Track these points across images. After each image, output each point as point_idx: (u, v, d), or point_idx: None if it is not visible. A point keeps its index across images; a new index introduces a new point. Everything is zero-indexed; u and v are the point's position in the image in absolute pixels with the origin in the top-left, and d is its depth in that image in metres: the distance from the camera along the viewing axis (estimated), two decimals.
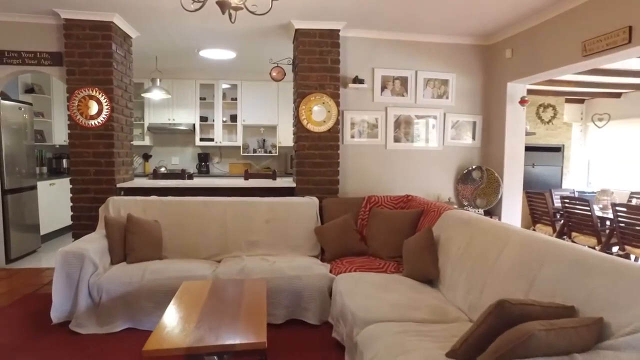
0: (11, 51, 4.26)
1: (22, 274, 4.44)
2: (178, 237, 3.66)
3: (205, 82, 6.90)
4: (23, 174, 5.14)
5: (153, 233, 3.45)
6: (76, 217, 4.15)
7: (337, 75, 4.39)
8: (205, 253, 3.67)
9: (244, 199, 3.91)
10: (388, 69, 4.69)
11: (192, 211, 3.76)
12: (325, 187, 4.43)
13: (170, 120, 6.86)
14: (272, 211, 3.88)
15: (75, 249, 2.95)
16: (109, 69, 4.11)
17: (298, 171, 4.37)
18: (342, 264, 3.44)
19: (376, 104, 4.71)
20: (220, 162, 7.33)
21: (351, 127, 4.66)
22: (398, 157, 4.79)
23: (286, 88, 6.97)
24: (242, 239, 3.76)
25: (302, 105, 4.31)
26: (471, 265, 2.60)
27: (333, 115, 4.38)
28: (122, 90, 4.37)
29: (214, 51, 5.45)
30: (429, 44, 4.73)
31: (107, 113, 4.12)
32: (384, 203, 4.13)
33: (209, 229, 3.72)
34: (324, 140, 4.39)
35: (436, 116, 4.83)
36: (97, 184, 4.15)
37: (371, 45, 4.64)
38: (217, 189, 4.32)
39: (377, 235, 3.76)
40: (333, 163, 4.43)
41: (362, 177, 4.71)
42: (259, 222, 3.82)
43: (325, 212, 4.07)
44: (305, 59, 4.31)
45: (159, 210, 3.73)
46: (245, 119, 6.96)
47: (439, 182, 4.88)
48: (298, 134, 4.35)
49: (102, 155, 4.14)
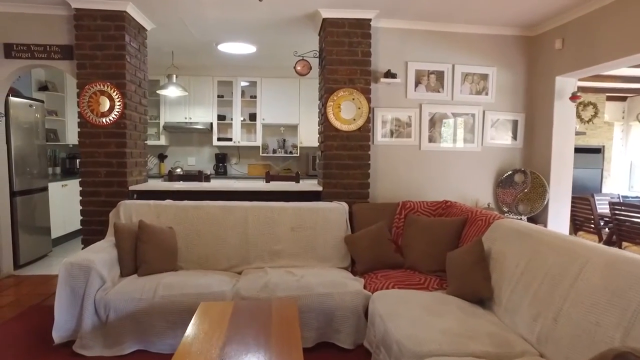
0: (20, 44, 3.99)
1: (30, 281, 4.16)
2: (195, 245, 3.33)
3: (224, 79, 6.58)
4: (34, 174, 4.88)
5: (167, 241, 3.11)
6: (86, 222, 3.85)
7: (368, 69, 4.01)
8: (224, 263, 3.33)
9: (266, 204, 3.55)
10: (423, 62, 4.30)
11: (210, 217, 3.42)
12: (354, 191, 4.05)
13: (187, 119, 6.56)
14: (298, 218, 3.52)
15: (80, 261, 2.63)
16: (121, 62, 3.80)
17: (325, 174, 4.01)
18: (377, 279, 3.06)
19: (409, 101, 4.32)
20: (238, 163, 7.00)
21: (382, 125, 4.28)
22: (432, 159, 4.39)
23: (309, 85, 6.62)
24: (264, 249, 3.41)
25: (329, 102, 3.94)
26: (537, 287, 2.19)
27: (364, 112, 4.00)
28: (135, 86, 4.06)
29: (233, 45, 5.12)
30: (467, 35, 4.32)
31: (119, 110, 3.81)
32: (421, 209, 3.74)
33: (229, 236, 3.38)
34: (353, 139, 4.02)
35: (474, 114, 4.42)
36: (108, 186, 3.84)
37: (404, 37, 4.25)
38: (236, 193, 3.98)
39: (414, 245, 3.37)
40: (363, 165, 4.05)
41: (393, 180, 4.33)
42: (284, 229, 3.47)
43: (355, 219, 3.70)
44: (334, 51, 3.95)
45: (174, 215, 3.40)
46: (264, 117, 6.62)
47: (477, 186, 4.47)
48: (325, 133, 3.98)
49: (113, 156, 3.84)
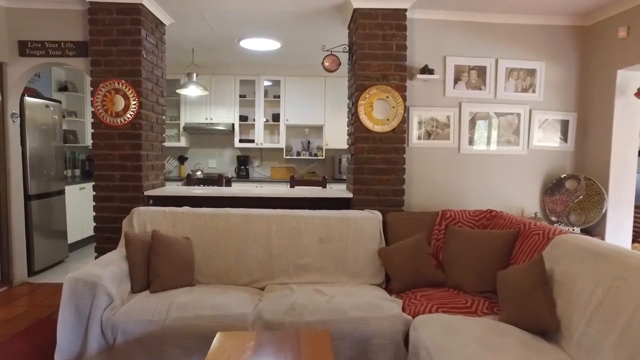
0: (34, 41, 3.79)
1: (43, 290, 3.95)
2: (213, 258, 3.03)
3: (246, 78, 6.30)
4: (51, 176, 4.70)
5: (183, 254, 2.82)
6: (99, 229, 3.61)
7: (403, 63, 3.64)
8: (245, 278, 3.02)
9: (291, 213, 3.23)
10: (463, 57, 3.91)
11: (230, 226, 3.11)
12: (387, 198, 3.69)
13: (208, 120, 6.31)
14: (326, 228, 3.18)
15: (86, 276, 2.36)
16: (137, 59, 3.55)
17: (355, 179, 3.66)
18: (417, 299, 2.70)
19: (448, 99, 3.93)
20: (260, 165, 6.72)
21: (418, 126, 3.90)
22: (472, 163, 3.99)
23: (335, 83, 6.28)
24: (289, 262, 3.08)
25: (360, 100, 3.59)
26: (626, 324, 1.79)
27: (398, 112, 3.64)
28: (152, 84, 3.80)
29: (256, 41, 4.83)
30: (512, 26, 3.90)
31: (135, 109, 3.55)
32: (463, 220, 3.35)
33: (250, 248, 3.07)
34: (387, 141, 3.66)
35: (519, 114, 3.99)
36: (123, 191, 3.59)
37: (442, 29, 3.87)
38: (258, 199, 3.67)
39: (458, 261, 2.98)
40: (398, 169, 3.69)
41: (429, 186, 3.94)
42: (310, 241, 3.13)
43: (389, 229, 3.34)
44: (366, 45, 3.60)
45: (191, 224, 3.11)
46: (288, 118, 6.31)
47: (522, 193, 4.04)
48: (356, 134, 3.63)
49: (128, 158, 3.58)
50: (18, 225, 4.06)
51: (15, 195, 4.03)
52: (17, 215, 4.05)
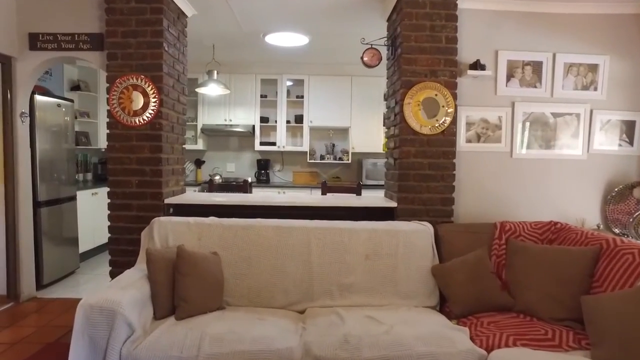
0: (45, 34, 3.46)
1: (52, 307, 3.60)
2: (245, 276, 2.65)
3: (267, 77, 5.94)
4: (62, 180, 4.36)
5: (212, 273, 2.44)
6: (114, 241, 3.25)
7: (453, 58, 3.26)
8: (281, 300, 2.64)
9: (333, 225, 2.85)
10: (517, 51, 3.50)
11: (264, 240, 2.74)
12: (435, 207, 3.30)
13: (227, 121, 5.95)
14: (373, 242, 2.79)
15: (102, 303, 1.99)
16: (158, 52, 3.19)
17: (400, 186, 3.27)
18: (485, 328, 2.30)
19: (500, 98, 3.53)
20: (282, 170, 6.34)
21: (466, 128, 3.50)
22: (526, 168, 3.58)
23: (362, 83, 5.91)
24: (332, 281, 2.69)
25: (407, 99, 3.21)
26: None
27: (449, 111, 3.25)
28: (173, 80, 3.45)
29: (283, 36, 4.47)
30: (572, 16, 3.50)
31: (155, 108, 3.20)
32: (525, 233, 2.95)
33: (287, 266, 2.69)
34: (435, 144, 3.27)
35: (579, 114, 3.58)
36: (141, 198, 3.23)
37: (495, 20, 3.47)
38: (289, 208, 3.29)
39: (527, 282, 2.58)
40: (447, 176, 3.29)
41: (478, 194, 3.54)
42: (356, 257, 2.75)
43: (442, 243, 2.95)
44: (412, 37, 3.22)
45: (219, 238, 2.74)
46: (312, 119, 5.94)
47: (581, 202, 3.62)
48: (401, 137, 3.25)
49: (147, 162, 3.22)
50: (26, 234, 3.72)
51: (24, 202, 3.69)
52: (25, 223, 3.70)
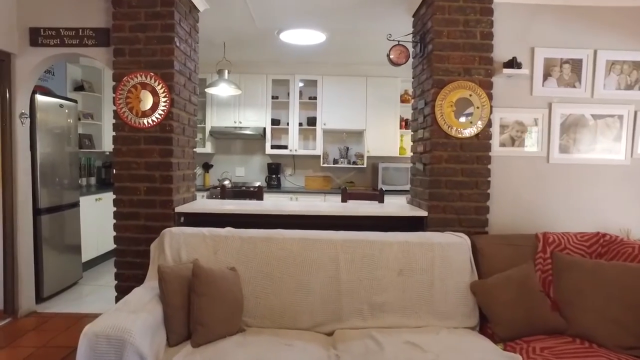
0: (47, 29, 3.22)
1: (53, 323, 3.33)
2: (266, 294, 2.39)
3: (279, 77, 5.69)
4: (64, 185, 4.10)
5: (231, 292, 2.18)
6: (120, 252, 2.99)
7: (488, 55, 3.01)
8: (306, 320, 2.37)
9: (362, 237, 2.58)
10: (554, 48, 3.24)
11: (287, 254, 2.47)
12: (468, 217, 3.04)
13: (236, 123, 5.70)
14: (406, 256, 2.53)
15: (110, 331, 1.72)
16: (169, 47, 2.95)
17: (431, 194, 3.01)
18: (539, 355, 2.04)
19: (535, 99, 3.26)
20: (293, 174, 6.08)
21: (500, 130, 3.24)
22: (564, 174, 3.31)
23: (378, 84, 5.66)
24: (363, 300, 2.43)
25: (439, 99, 2.96)
26: None
27: (484, 113, 3.00)
28: (185, 78, 3.20)
29: (298, 33, 4.22)
30: (615, 9, 3.24)
31: (165, 108, 2.95)
32: (570, 245, 2.69)
33: (313, 282, 2.42)
34: (468, 149, 3.01)
35: (622, 115, 3.31)
36: (149, 206, 2.97)
37: (531, 14, 3.22)
38: (308, 217, 3.03)
39: (582, 303, 2.31)
40: (482, 182, 3.04)
41: (512, 202, 3.27)
42: (388, 273, 2.48)
43: (480, 257, 2.68)
44: (444, 32, 2.97)
45: (237, 251, 2.47)
46: (326, 122, 5.68)
47: (625, 211, 3.34)
48: (432, 140, 2.99)
49: (156, 167, 2.97)
50: (25, 244, 3.46)
51: (23, 209, 3.44)
52: (24, 232, 3.45)
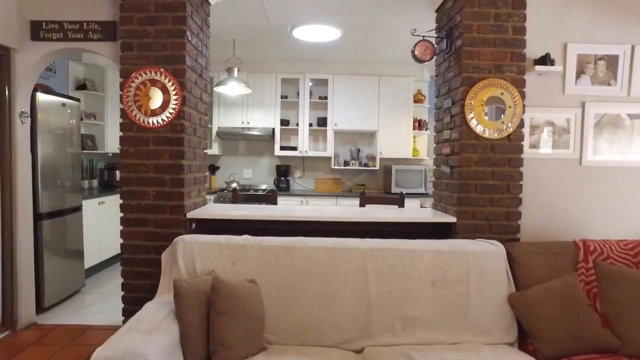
0: (50, 22, 3.02)
1: (55, 336, 3.12)
2: (289, 308, 2.19)
3: (288, 76, 5.49)
4: (66, 188, 3.90)
5: (253, 309, 1.98)
6: (127, 261, 2.79)
7: (521, 51, 2.82)
8: (333, 337, 2.18)
9: (391, 245, 2.39)
10: (588, 43, 3.06)
11: (311, 264, 2.28)
12: (499, 223, 2.84)
13: (244, 124, 5.50)
14: (440, 266, 2.33)
15: (123, 356, 1.52)
16: (180, 41, 2.75)
17: (460, 198, 2.81)
18: None
19: (568, 98, 3.07)
20: (302, 176, 5.88)
21: (530, 131, 3.05)
22: (598, 177, 3.11)
23: (391, 84, 5.48)
24: (394, 314, 2.23)
25: (468, 98, 2.77)
26: None
27: (516, 112, 2.81)
28: (196, 75, 3.00)
29: (312, 29, 4.03)
30: None
31: (176, 106, 2.75)
32: (613, 255, 2.50)
33: (340, 295, 2.23)
34: (500, 150, 2.82)
35: None
36: (159, 212, 2.77)
37: (563, 8, 3.03)
38: (324, 223, 2.84)
39: (635, 318, 2.12)
40: (513, 186, 2.85)
41: (543, 207, 3.07)
42: (420, 284, 2.29)
43: (516, 266, 2.48)
44: (474, 27, 2.78)
45: (256, 261, 2.28)
46: (337, 122, 5.48)
47: None
48: (461, 141, 2.80)
49: (167, 170, 2.77)
50: (25, 251, 3.26)
51: (23, 215, 3.24)
52: (24, 239, 3.24)
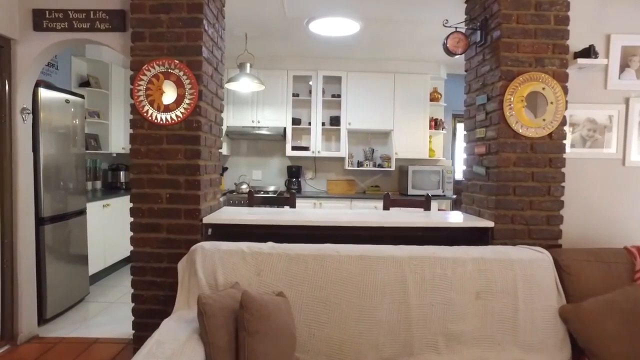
0: (54, 10, 2.80)
1: (58, 351, 2.89)
2: (322, 324, 1.98)
3: (301, 73, 5.28)
4: (69, 190, 3.67)
5: (286, 326, 1.77)
6: (138, 270, 2.56)
7: (564, 43, 2.62)
8: (371, 355, 1.96)
9: (430, 252, 2.18)
10: (634, 34, 2.85)
11: (344, 274, 2.06)
12: (539, 227, 2.63)
13: (254, 123, 5.28)
14: (484, 275, 2.12)
15: None
16: (197, 31, 2.53)
17: (498, 201, 2.60)
18: None
19: (611, 93, 2.86)
20: (314, 178, 5.67)
21: (570, 129, 2.84)
22: None
23: (406, 81, 5.29)
24: (436, 329, 2.02)
25: (507, 94, 2.56)
26: None
27: (558, 109, 2.60)
28: (212, 69, 2.79)
29: (330, 22, 3.82)
30: None
31: (192, 101, 2.53)
32: None
33: (378, 308, 2.01)
34: (540, 150, 2.61)
35: None
36: (173, 216, 2.55)
37: None
38: (346, 228, 2.63)
39: None
40: (554, 188, 2.64)
41: (582, 210, 2.85)
42: (464, 296, 2.08)
43: (565, 276, 2.27)
44: (514, 17, 2.57)
45: (284, 272, 2.06)
46: (350, 121, 5.27)
47: None
48: (499, 140, 2.59)
49: (181, 171, 2.55)
50: (26, 259, 3.03)
51: (24, 220, 3.01)
52: (25, 245, 3.02)
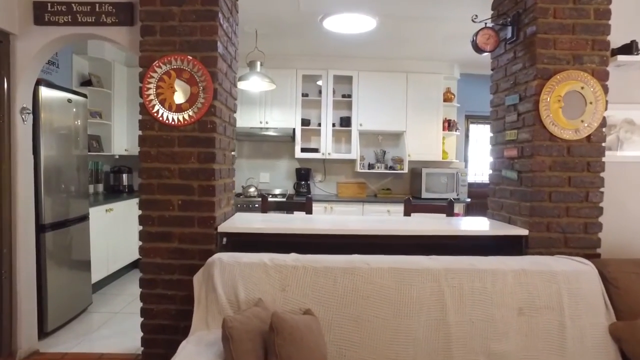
0: (56, 3, 2.62)
1: None
2: (354, 345, 1.80)
3: (311, 72, 5.10)
4: (72, 194, 3.49)
5: (318, 350, 1.59)
6: (148, 283, 2.38)
7: (604, 38, 2.45)
8: None
9: (468, 265, 2.01)
10: None
11: (376, 289, 1.89)
12: (576, 235, 2.47)
13: (263, 124, 5.10)
14: (526, 289, 1.96)
15: None
16: (212, 24, 2.36)
17: (533, 208, 2.43)
18: None
19: None
20: (323, 180, 5.49)
21: (608, 130, 2.68)
22: None
23: (419, 81, 5.12)
24: (478, 348, 1.85)
25: (544, 93, 2.40)
26: None
27: (598, 109, 2.44)
28: (226, 66, 2.61)
29: (345, 19, 3.65)
30: None
31: (206, 100, 2.36)
32: None
33: (414, 327, 1.84)
34: (577, 153, 2.45)
35: None
36: (186, 224, 2.37)
37: None
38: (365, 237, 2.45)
39: None
40: (593, 194, 2.48)
41: (618, 217, 2.69)
42: (506, 311, 1.91)
43: (611, 289, 2.10)
44: (550, 11, 2.41)
45: (311, 287, 1.89)
46: (362, 122, 5.09)
47: None
48: (535, 143, 2.42)
49: (195, 175, 2.37)
50: (26, 269, 2.84)
51: (24, 227, 2.82)
52: (24, 255, 2.82)
